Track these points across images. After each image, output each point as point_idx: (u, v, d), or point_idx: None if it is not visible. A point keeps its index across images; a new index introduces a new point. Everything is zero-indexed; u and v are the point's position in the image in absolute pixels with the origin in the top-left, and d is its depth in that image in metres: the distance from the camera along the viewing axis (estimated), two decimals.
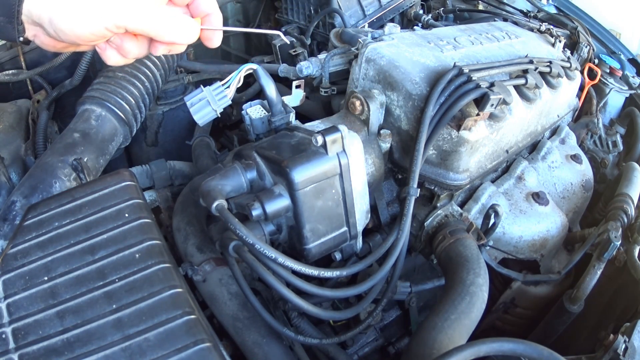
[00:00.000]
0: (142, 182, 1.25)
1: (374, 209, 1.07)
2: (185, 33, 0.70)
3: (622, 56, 1.78)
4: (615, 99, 1.74)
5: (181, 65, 1.54)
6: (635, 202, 1.25)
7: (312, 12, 1.68)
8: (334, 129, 0.80)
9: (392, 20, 1.77)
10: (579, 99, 1.64)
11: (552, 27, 1.52)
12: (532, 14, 1.80)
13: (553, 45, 1.42)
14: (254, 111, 1.01)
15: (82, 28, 0.64)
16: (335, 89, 1.22)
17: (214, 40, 0.76)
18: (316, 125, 1.01)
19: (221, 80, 0.98)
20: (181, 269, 0.87)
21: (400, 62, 1.02)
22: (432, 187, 1.04)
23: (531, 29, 1.49)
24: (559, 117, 1.38)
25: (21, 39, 0.67)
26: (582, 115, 1.74)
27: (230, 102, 0.99)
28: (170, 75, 1.35)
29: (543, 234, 1.13)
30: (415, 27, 1.33)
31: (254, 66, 0.97)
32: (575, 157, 1.36)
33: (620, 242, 1.09)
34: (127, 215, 0.72)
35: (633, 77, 1.72)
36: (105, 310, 0.62)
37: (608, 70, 1.71)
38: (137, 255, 0.67)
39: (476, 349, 0.66)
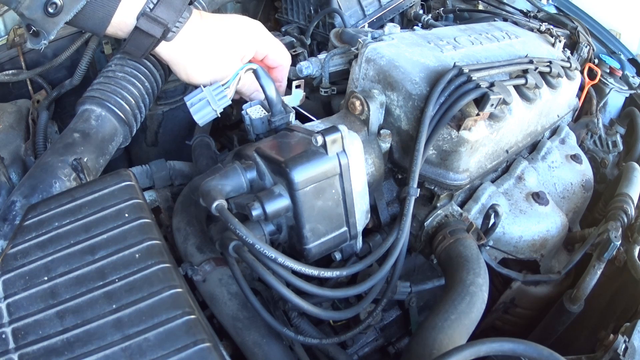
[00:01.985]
0: (142, 182, 1.25)
1: (374, 209, 1.07)
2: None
3: (622, 56, 1.78)
4: (615, 99, 1.74)
5: None
6: (635, 202, 1.24)
7: (312, 12, 1.68)
8: (334, 129, 0.80)
9: (392, 20, 1.77)
10: (579, 99, 1.63)
11: (552, 27, 1.52)
12: (532, 14, 1.79)
13: (553, 45, 1.42)
14: (253, 111, 1.01)
15: (194, 80, 0.99)
16: (335, 89, 1.22)
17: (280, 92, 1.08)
18: (316, 125, 1.01)
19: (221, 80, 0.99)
20: (181, 269, 0.87)
21: (400, 62, 1.02)
22: (432, 187, 1.04)
23: (531, 29, 1.49)
24: (559, 117, 1.38)
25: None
26: (582, 115, 1.74)
27: (230, 102, 0.99)
28: (171, 75, 1.35)
29: (543, 234, 1.13)
30: (415, 27, 1.33)
31: (254, 66, 0.97)
32: (575, 157, 1.36)
33: (620, 242, 1.09)
34: (127, 215, 0.72)
35: (633, 77, 1.72)
36: (105, 310, 0.62)
37: (608, 70, 1.71)
38: (137, 255, 0.67)
39: (476, 349, 0.66)
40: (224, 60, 0.98)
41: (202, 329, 0.60)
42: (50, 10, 0.82)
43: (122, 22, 0.89)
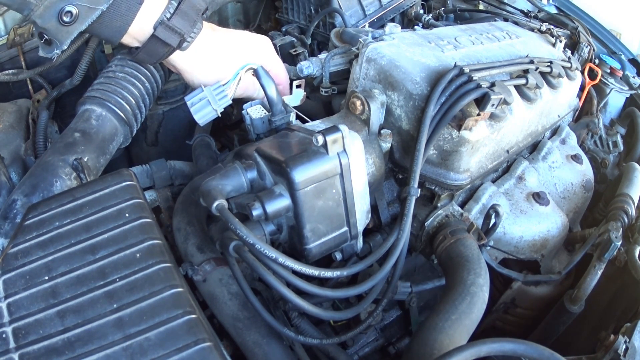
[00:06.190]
0: (143, 182, 1.24)
1: (374, 209, 1.07)
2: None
3: (622, 56, 1.78)
4: (616, 99, 1.74)
5: None
6: (636, 202, 1.24)
7: (313, 11, 1.68)
8: (334, 129, 0.80)
9: (392, 20, 1.77)
10: (580, 99, 1.63)
11: (552, 27, 1.52)
12: (532, 14, 1.80)
13: (553, 45, 1.42)
14: (254, 111, 1.01)
15: (203, 82, 1.01)
16: (336, 88, 1.22)
17: None
18: (317, 125, 1.01)
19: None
20: (181, 268, 0.87)
21: (400, 61, 1.02)
22: (433, 187, 1.04)
23: (532, 29, 1.49)
24: (560, 117, 1.38)
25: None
26: (582, 115, 1.74)
27: (230, 102, 1.00)
28: (171, 75, 1.35)
29: (544, 234, 1.13)
30: (415, 27, 1.33)
31: (255, 66, 0.97)
32: (575, 157, 1.36)
33: (620, 242, 1.09)
34: (127, 215, 0.72)
35: (633, 77, 1.72)
36: (106, 309, 0.62)
37: (608, 71, 1.71)
38: (137, 255, 0.67)
39: (477, 349, 0.66)
40: (233, 67, 1.01)
41: (202, 328, 0.60)
42: (65, 19, 0.80)
43: (139, 30, 0.89)
